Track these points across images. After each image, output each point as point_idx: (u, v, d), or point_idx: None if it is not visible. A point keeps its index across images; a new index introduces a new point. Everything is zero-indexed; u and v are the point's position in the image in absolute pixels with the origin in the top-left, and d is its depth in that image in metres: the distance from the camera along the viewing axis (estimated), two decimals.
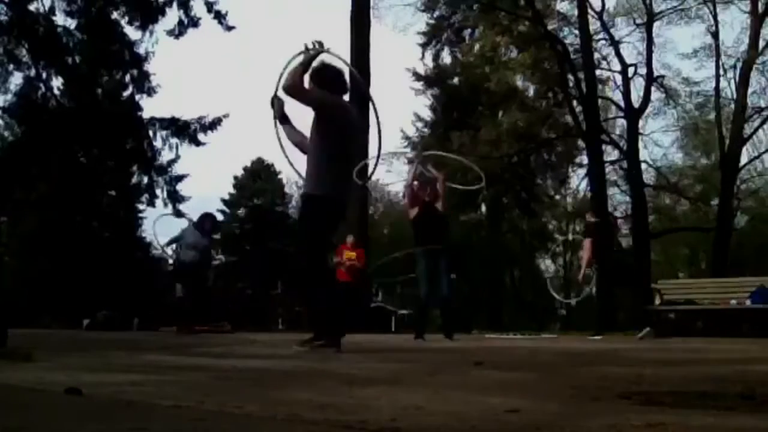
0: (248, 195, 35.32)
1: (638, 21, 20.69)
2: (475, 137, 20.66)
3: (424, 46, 25.30)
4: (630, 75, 20.42)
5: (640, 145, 20.62)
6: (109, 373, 2.61)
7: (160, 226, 21.99)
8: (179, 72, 48.68)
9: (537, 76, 22.17)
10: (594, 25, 19.71)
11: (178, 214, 21.34)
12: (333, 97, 4.18)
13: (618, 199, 26.54)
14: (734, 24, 39.18)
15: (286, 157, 4.44)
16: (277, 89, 4.19)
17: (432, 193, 7.03)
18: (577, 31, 19.57)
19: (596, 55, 20.15)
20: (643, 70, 20.31)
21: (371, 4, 16.29)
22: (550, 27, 19.64)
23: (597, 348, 4.86)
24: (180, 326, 8.94)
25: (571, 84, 19.58)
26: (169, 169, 20.56)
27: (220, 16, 19.10)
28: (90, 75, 19.38)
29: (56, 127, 17.99)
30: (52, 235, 20.34)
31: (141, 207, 22.57)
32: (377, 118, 4.35)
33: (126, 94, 20.27)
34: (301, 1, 56.93)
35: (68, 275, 19.47)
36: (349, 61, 15.43)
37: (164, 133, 20.13)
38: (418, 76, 25.81)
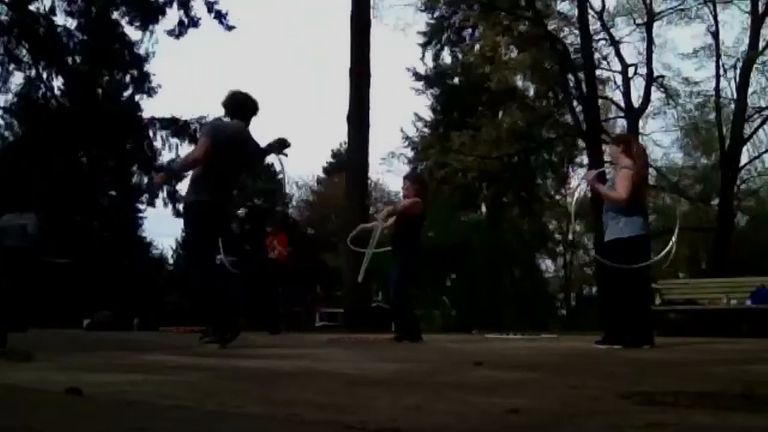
0: (248, 195, 35.32)
1: (638, 21, 20.63)
2: (475, 137, 20.63)
3: (424, 46, 25.30)
4: (630, 75, 20.38)
5: None
6: (109, 373, 2.61)
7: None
8: (179, 72, 48.74)
9: (537, 76, 22.12)
10: (594, 25, 19.67)
11: (179, 214, 21.38)
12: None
13: None
14: (734, 24, 39.13)
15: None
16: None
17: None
18: (577, 31, 19.54)
19: (596, 55, 20.11)
20: (643, 70, 20.27)
21: (371, 3, 16.27)
22: (550, 27, 19.60)
23: (596, 348, 4.85)
24: None
25: (571, 84, 19.56)
26: None
27: (220, 16, 19.17)
28: (90, 75, 19.41)
29: (56, 127, 18.01)
30: (51, 235, 20.32)
31: (141, 207, 22.61)
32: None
33: (126, 94, 20.31)
34: (301, 1, 56.94)
35: (68, 275, 19.48)
36: (349, 61, 15.60)
37: (164, 133, 20.19)
38: (418, 76, 25.82)
